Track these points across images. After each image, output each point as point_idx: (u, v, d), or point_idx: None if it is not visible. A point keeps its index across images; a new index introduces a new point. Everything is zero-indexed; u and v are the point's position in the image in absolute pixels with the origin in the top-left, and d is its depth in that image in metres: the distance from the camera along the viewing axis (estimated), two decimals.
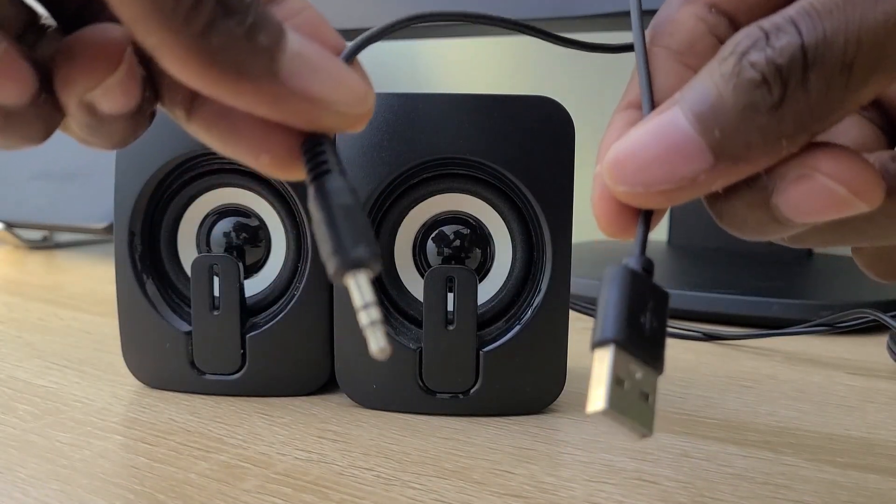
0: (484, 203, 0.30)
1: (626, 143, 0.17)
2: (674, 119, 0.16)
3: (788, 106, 0.15)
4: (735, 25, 0.20)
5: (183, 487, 0.24)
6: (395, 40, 0.76)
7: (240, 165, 0.31)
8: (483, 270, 0.31)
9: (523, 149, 0.29)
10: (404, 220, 0.30)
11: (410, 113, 0.29)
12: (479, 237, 0.31)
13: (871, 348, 0.40)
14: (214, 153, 0.30)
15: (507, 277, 0.31)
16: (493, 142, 0.29)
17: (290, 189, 0.30)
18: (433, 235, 0.31)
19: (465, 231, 0.31)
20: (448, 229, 0.31)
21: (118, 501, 0.23)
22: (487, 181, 0.30)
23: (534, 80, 0.78)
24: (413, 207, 0.30)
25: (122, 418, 0.29)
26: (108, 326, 0.42)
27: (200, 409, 0.30)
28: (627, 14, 0.22)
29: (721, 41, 0.19)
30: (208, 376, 0.31)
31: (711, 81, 0.16)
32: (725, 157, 0.16)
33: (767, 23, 0.16)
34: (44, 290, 0.52)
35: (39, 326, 0.42)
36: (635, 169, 0.17)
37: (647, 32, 0.20)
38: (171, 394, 0.31)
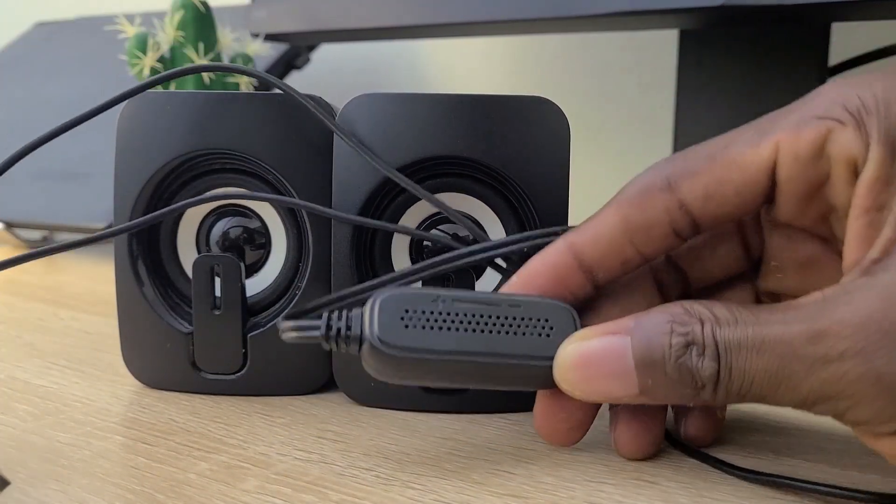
0: (480, 202, 0.30)
1: (583, 352, 0.23)
2: (624, 352, 0.22)
3: (708, 395, 0.22)
4: (696, 228, 0.24)
5: (182, 488, 0.24)
6: (394, 40, 0.76)
7: (240, 165, 0.31)
8: (479, 269, 0.31)
9: (519, 148, 0.29)
10: (400, 220, 0.30)
11: (407, 113, 0.29)
12: (476, 236, 0.31)
13: None
14: (214, 153, 0.31)
15: (504, 276, 0.30)
16: (490, 141, 0.29)
17: (290, 189, 0.30)
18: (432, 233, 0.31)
19: (463, 231, 0.31)
20: (445, 229, 0.31)
21: (118, 501, 0.23)
22: (484, 180, 0.30)
23: (533, 81, 0.78)
24: (409, 207, 0.30)
25: (122, 418, 0.29)
26: (108, 326, 0.42)
27: (200, 409, 0.30)
28: (627, 14, 0.22)
29: (679, 235, 0.24)
30: (209, 376, 0.31)
31: (660, 342, 0.22)
32: (648, 395, 0.22)
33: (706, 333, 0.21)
34: (43, 290, 0.52)
35: (39, 326, 0.42)
36: (583, 379, 0.23)
37: (618, 193, 0.25)
38: (170, 394, 0.31)
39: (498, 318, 0.23)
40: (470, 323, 0.23)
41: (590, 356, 0.23)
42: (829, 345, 0.20)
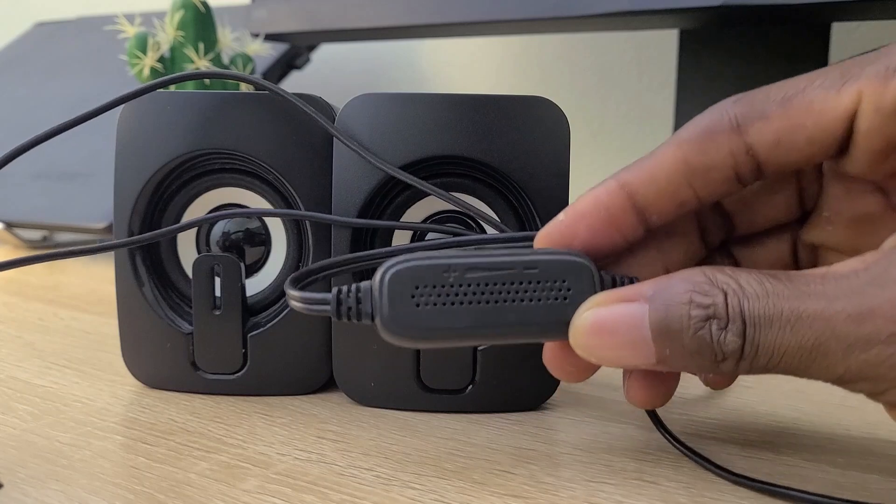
0: (480, 202, 0.30)
1: (598, 320, 0.22)
2: (640, 320, 0.21)
3: (729, 367, 0.21)
4: (759, 174, 0.23)
5: (182, 487, 0.24)
6: (394, 40, 0.76)
7: (240, 165, 0.31)
8: None
9: (519, 148, 0.29)
10: (401, 220, 0.30)
11: (407, 113, 0.29)
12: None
13: None
14: (214, 153, 0.31)
15: None
16: (490, 141, 0.29)
17: (290, 188, 0.30)
18: (430, 234, 0.31)
19: (463, 230, 0.31)
20: (445, 227, 0.31)
21: (118, 501, 0.23)
22: (484, 180, 0.30)
23: (533, 81, 0.78)
24: (410, 206, 0.30)
25: (122, 418, 0.29)
26: (108, 326, 0.42)
27: (200, 409, 0.30)
28: (627, 14, 0.22)
29: (741, 180, 0.23)
30: (209, 376, 0.31)
31: (679, 312, 0.20)
32: (665, 364, 0.21)
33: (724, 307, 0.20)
34: (43, 289, 0.52)
35: (39, 326, 0.42)
36: (599, 346, 0.22)
37: (678, 132, 0.23)
38: (170, 394, 0.31)
39: (513, 283, 0.22)
40: (483, 294, 0.22)
41: (606, 324, 0.21)
42: (877, 326, 0.19)
